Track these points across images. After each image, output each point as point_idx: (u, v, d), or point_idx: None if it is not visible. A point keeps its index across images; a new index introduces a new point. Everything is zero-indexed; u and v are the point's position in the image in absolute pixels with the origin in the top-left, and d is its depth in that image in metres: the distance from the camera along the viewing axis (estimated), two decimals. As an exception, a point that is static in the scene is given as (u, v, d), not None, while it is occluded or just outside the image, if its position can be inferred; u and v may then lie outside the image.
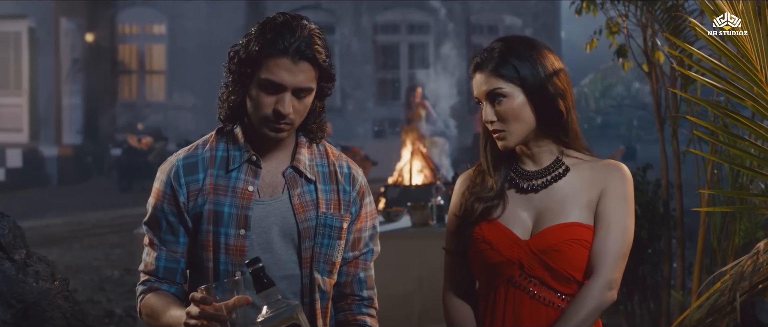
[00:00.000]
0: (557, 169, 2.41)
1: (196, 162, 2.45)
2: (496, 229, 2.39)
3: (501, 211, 2.40)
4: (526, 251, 2.35)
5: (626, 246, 2.34)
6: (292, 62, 2.31)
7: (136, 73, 19.39)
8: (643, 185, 5.48)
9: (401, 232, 5.83)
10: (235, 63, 2.38)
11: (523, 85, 2.33)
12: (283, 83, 2.31)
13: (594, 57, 14.28)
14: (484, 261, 2.41)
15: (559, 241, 2.32)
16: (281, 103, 2.32)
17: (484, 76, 2.37)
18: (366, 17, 18.91)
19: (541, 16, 18.81)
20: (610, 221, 2.33)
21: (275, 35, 2.33)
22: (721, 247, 4.46)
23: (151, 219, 2.46)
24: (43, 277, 2.05)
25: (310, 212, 2.44)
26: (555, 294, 2.35)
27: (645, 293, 5.36)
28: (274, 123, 2.35)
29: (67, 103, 18.00)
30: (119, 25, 19.22)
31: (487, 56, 2.38)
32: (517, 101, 2.34)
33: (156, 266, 2.44)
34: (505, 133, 2.37)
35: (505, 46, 2.37)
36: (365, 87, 18.96)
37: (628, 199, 2.36)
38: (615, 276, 2.32)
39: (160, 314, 2.36)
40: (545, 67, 2.35)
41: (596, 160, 2.43)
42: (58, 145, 17.44)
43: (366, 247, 2.57)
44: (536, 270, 2.34)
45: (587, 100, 22.17)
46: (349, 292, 2.55)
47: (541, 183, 2.41)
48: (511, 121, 2.35)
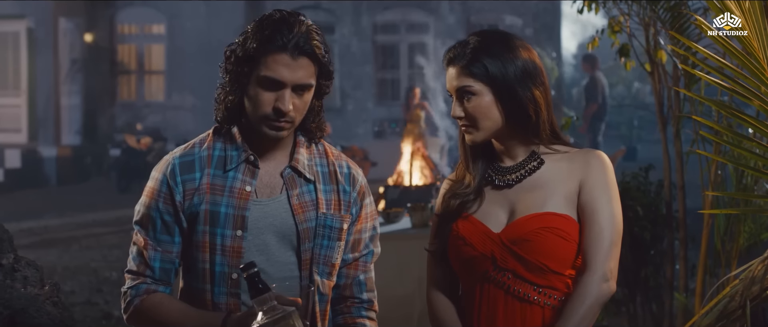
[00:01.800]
0: (531, 162, 2.39)
1: (193, 161, 2.40)
2: (471, 224, 2.39)
3: (477, 207, 2.40)
4: (498, 244, 2.33)
5: (616, 234, 2.30)
6: (291, 58, 2.28)
7: (135, 73, 19.34)
8: (645, 186, 5.45)
9: (401, 233, 5.79)
10: (232, 62, 2.34)
11: (491, 85, 2.33)
12: (283, 80, 2.28)
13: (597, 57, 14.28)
14: (460, 257, 2.40)
15: (529, 231, 2.30)
16: (281, 100, 2.29)
17: (455, 71, 2.37)
18: (366, 17, 18.87)
19: (541, 16, 18.77)
20: (594, 211, 2.30)
21: (273, 32, 2.29)
22: (726, 249, 4.42)
23: (144, 218, 2.40)
24: (32, 282, 2.00)
25: (309, 213, 2.39)
26: (531, 286, 2.32)
27: (647, 295, 5.32)
28: (274, 121, 2.31)
29: (66, 104, 17.94)
30: (118, 25, 19.17)
31: (460, 51, 2.37)
32: (485, 100, 2.34)
33: (152, 267, 2.38)
34: (472, 128, 2.37)
35: (479, 42, 2.36)
36: (365, 87, 18.91)
37: (611, 186, 2.33)
38: (610, 266, 2.28)
39: (183, 318, 2.30)
40: (517, 67, 2.33)
41: (573, 150, 2.40)
42: (57, 145, 17.39)
43: (366, 248, 2.52)
44: (509, 262, 2.32)
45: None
46: (349, 294, 2.50)
47: (515, 178, 2.39)
48: (479, 119, 2.35)
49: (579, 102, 22.43)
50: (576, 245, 2.32)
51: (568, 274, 2.34)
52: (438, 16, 18.83)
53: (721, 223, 4.40)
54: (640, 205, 5.23)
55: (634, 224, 5.12)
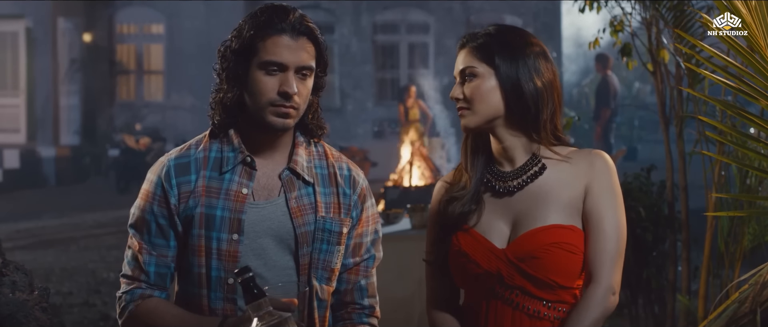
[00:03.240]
0: (533, 167, 2.31)
1: (189, 162, 2.35)
2: (473, 238, 2.30)
3: (477, 218, 2.31)
4: (504, 261, 2.25)
5: (622, 244, 2.24)
6: (292, 39, 2.25)
7: (134, 73, 19.30)
8: (647, 186, 5.40)
9: (401, 234, 5.74)
10: (228, 57, 2.30)
11: (497, 70, 2.27)
12: (285, 62, 2.24)
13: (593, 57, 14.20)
14: (464, 274, 2.31)
15: (537, 247, 2.22)
16: (286, 83, 2.24)
17: (464, 52, 2.32)
18: (365, 17, 18.82)
19: (541, 16, 18.73)
20: (601, 220, 2.23)
21: (269, 16, 2.27)
22: (730, 251, 4.36)
23: (138, 221, 2.35)
24: (21, 287, 1.95)
25: (308, 216, 2.33)
26: (539, 302, 2.25)
27: (650, 297, 5.28)
28: (281, 106, 2.25)
29: (65, 104, 17.89)
30: (117, 25, 19.13)
31: (473, 35, 2.33)
32: (486, 84, 2.28)
33: (147, 271, 2.33)
34: (469, 112, 2.30)
35: (495, 30, 2.32)
36: (365, 87, 18.86)
37: (616, 191, 2.26)
38: (615, 279, 2.22)
39: (178, 323, 2.25)
40: (527, 59, 2.27)
41: (575, 152, 2.32)
42: (56, 145, 17.33)
43: (367, 253, 2.46)
44: (516, 280, 2.24)
45: (588, 100, 22.05)
46: (350, 300, 2.44)
47: (516, 184, 2.31)
48: (476, 101, 2.28)
49: (579, 102, 22.41)
50: (582, 256, 2.25)
51: (576, 285, 2.28)
52: (438, 15, 18.79)
53: (725, 224, 4.36)
54: (642, 206, 5.18)
55: (636, 225, 5.07)
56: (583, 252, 2.24)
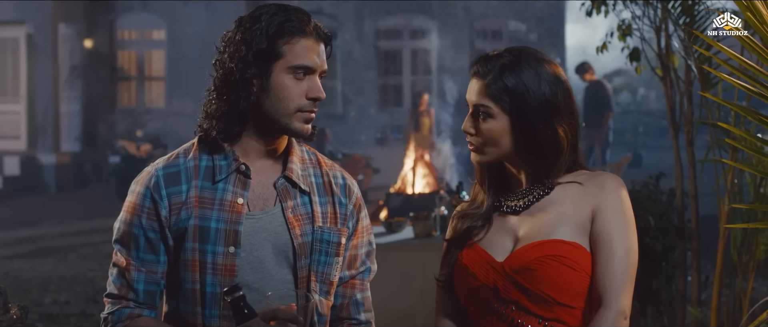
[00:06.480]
0: (539, 188, 2.22)
1: (179, 172, 2.22)
2: (475, 253, 2.22)
3: (483, 234, 2.24)
4: (501, 273, 2.15)
5: (633, 267, 2.14)
6: (316, 43, 2.18)
7: (135, 79, 19.24)
8: (656, 195, 5.29)
9: (403, 243, 5.63)
10: (240, 66, 2.15)
11: (510, 113, 2.16)
12: (315, 66, 2.17)
13: (599, 63, 14.10)
14: (464, 288, 2.24)
15: (533, 259, 2.12)
16: (316, 87, 2.18)
17: (477, 86, 2.19)
18: (368, 22, 18.73)
19: (545, 21, 18.63)
20: (611, 242, 2.12)
21: (292, 19, 2.16)
22: (743, 262, 4.25)
23: (125, 236, 2.23)
24: (-7, 308, 1.83)
25: (305, 226, 2.22)
26: (535, 319, 2.13)
27: (659, 308, 5.16)
28: (309, 112, 2.18)
29: (66, 110, 17.83)
30: (118, 31, 19.09)
31: (488, 67, 2.19)
32: (499, 125, 2.17)
33: (135, 289, 2.21)
34: (480, 151, 2.22)
35: (510, 62, 2.18)
36: (367, 93, 18.77)
37: (627, 213, 2.16)
38: (626, 302, 2.11)
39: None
40: (544, 98, 2.15)
41: (583, 173, 2.22)
42: (56, 152, 17.26)
43: (363, 265, 2.35)
44: (512, 293, 2.14)
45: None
46: (346, 315, 2.33)
47: (522, 204, 2.22)
48: (489, 144, 2.20)
49: (583, 109, 22.30)
50: (587, 276, 2.13)
51: (578, 306, 2.15)
52: (441, 21, 18.70)
53: (739, 234, 4.24)
54: (651, 214, 5.07)
55: (646, 234, 4.95)
56: (591, 274, 2.13)
